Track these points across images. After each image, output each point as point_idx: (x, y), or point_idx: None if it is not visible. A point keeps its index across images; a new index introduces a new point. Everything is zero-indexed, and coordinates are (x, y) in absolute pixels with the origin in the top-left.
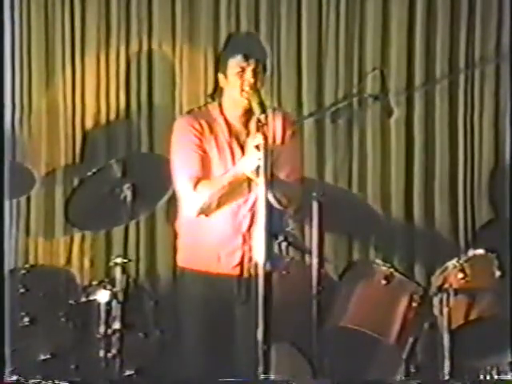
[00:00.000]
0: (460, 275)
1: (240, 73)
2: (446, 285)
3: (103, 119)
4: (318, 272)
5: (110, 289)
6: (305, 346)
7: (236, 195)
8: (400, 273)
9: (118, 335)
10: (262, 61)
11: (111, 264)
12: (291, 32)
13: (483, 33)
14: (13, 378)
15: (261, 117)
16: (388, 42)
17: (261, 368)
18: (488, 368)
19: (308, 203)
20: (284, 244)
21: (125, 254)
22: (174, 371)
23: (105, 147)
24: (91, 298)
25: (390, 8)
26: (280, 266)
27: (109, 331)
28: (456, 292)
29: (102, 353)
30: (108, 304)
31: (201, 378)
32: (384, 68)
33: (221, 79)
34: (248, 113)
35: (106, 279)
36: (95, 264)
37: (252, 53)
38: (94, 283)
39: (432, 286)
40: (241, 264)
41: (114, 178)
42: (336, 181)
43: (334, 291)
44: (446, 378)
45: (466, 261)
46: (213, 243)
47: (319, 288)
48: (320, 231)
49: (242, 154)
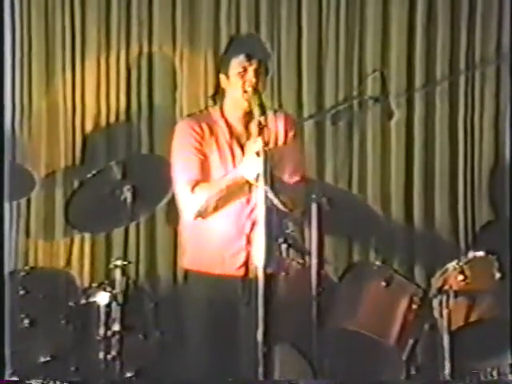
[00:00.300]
0: (460, 277)
1: (242, 73)
2: (446, 286)
3: (103, 121)
4: (318, 273)
5: (110, 291)
6: (305, 347)
7: (234, 198)
8: (400, 274)
9: (118, 337)
10: (264, 62)
11: (111, 266)
12: (291, 34)
13: (483, 34)
14: (13, 380)
15: (261, 119)
16: (388, 44)
17: (261, 369)
18: (488, 369)
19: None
20: (284, 246)
21: (125, 256)
22: (175, 373)
23: (105, 149)
24: (91, 300)
25: (390, 10)
26: (280, 268)
27: (108, 333)
28: (456, 294)
29: (102, 355)
30: (108, 306)
31: (205, 380)
32: (384, 70)
33: (222, 80)
34: (249, 114)
35: (106, 281)
36: (95, 266)
37: (255, 53)
38: (94, 285)
39: (432, 288)
40: (245, 265)
41: (114, 180)
42: (336, 182)
43: (334, 293)
44: (447, 380)
45: (466, 262)
46: (217, 244)
47: (319, 289)
48: (320, 233)
49: (243, 156)
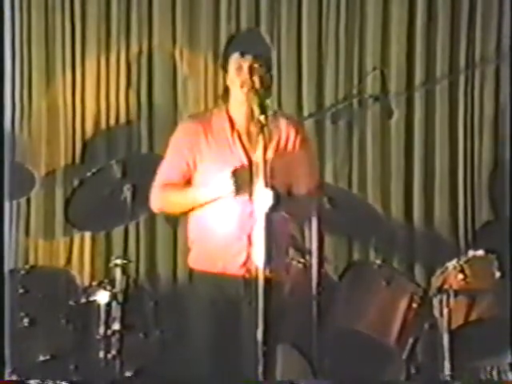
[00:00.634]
0: (460, 276)
1: (238, 70)
2: (446, 286)
3: (103, 120)
4: (318, 273)
5: (110, 290)
6: (305, 347)
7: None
8: (400, 274)
9: (118, 336)
10: (264, 57)
11: (111, 265)
12: (291, 33)
13: (483, 33)
14: (13, 379)
15: (261, 118)
16: (388, 43)
17: (261, 369)
18: (488, 368)
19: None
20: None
21: (125, 255)
22: (175, 372)
23: (105, 148)
24: (91, 299)
25: (390, 8)
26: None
27: (109, 332)
28: (456, 293)
29: (102, 354)
30: (108, 305)
31: (206, 379)
32: (384, 69)
33: (226, 79)
34: (252, 113)
35: (106, 280)
36: (95, 265)
37: (249, 49)
38: (94, 284)
39: (432, 287)
40: (246, 264)
41: (114, 179)
42: (336, 181)
43: (334, 292)
44: (447, 379)
45: (466, 262)
46: (219, 244)
47: (319, 289)
48: (320, 232)
49: (245, 155)
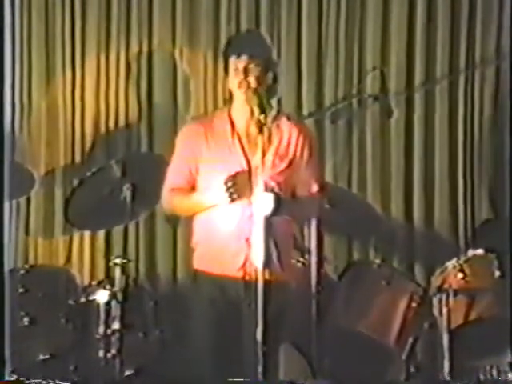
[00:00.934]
0: (460, 275)
1: (235, 71)
2: (446, 285)
3: (103, 120)
4: (318, 272)
5: (110, 289)
6: (304, 347)
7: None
8: (400, 273)
9: (118, 335)
10: (261, 58)
11: (111, 264)
12: (291, 32)
13: (483, 33)
14: (12, 378)
15: (260, 117)
16: (388, 43)
17: (260, 368)
18: (488, 368)
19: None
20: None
21: (124, 254)
22: (175, 371)
23: (104, 148)
24: (91, 298)
25: (390, 8)
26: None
27: (108, 331)
28: (456, 292)
29: (102, 353)
30: (108, 304)
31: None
32: (384, 68)
33: (228, 81)
34: (252, 115)
35: (106, 279)
36: (95, 264)
37: (250, 50)
38: (94, 283)
39: (432, 286)
40: (244, 267)
41: (114, 178)
42: (336, 181)
43: (334, 292)
44: (446, 379)
45: (466, 261)
46: (220, 246)
47: (319, 288)
48: (319, 231)
49: (244, 158)
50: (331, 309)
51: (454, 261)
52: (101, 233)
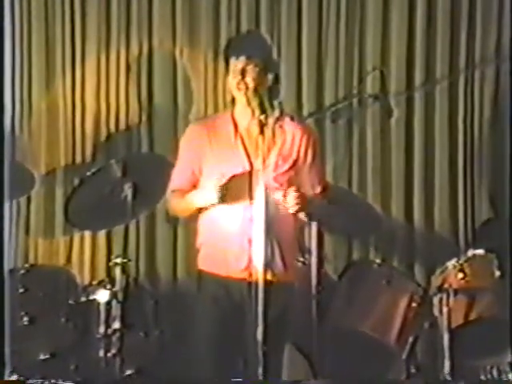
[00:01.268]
0: (460, 275)
1: (234, 72)
2: (446, 285)
3: (103, 119)
4: (318, 272)
5: (110, 288)
6: (305, 347)
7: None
8: (400, 273)
9: (118, 335)
10: (260, 58)
11: (111, 264)
12: (291, 32)
13: (483, 34)
14: (13, 378)
15: (261, 117)
16: (388, 42)
17: (261, 369)
18: (488, 368)
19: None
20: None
21: (125, 254)
22: (175, 371)
23: (105, 147)
24: (91, 298)
25: (390, 8)
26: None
27: (109, 331)
28: (456, 292)
29: (102, 352)
30: (108, 304)
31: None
32: (384, 68)
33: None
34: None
35: (106, 279)
36: (95, 264)
37: (248, 51)
38: (94, 283)
39: (432, 286)
40: (248, 267)
41: (115, 178)
42: (336, 181)
43: (334, 291)
44: (446, 378)
45: (466, 261)
46: (223, 247)
47: (319, 288)
48: (319, 231)
49: (247, 159)
50: (331, 309)
51: (454, 261)
52: (101, 232)
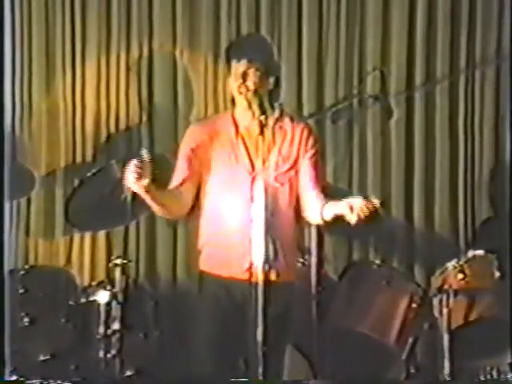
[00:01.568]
0: (460, 276)
1: (235, 76)
2: (446, 285)
3: (103, 120)
4: (318, 272)
5: (110, 289)
6: (305, 347)
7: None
8: (400, 273)
9: (118, 336)
10: (262, 62)
11: (111, 265)
12: (291, 33)
13: (484, 34)
14: (13, 378)
15: (261, 118)
16: (388, 43)
17: (260, 369)
18: (488, 368)
19: None
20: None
21: (125, 255)
22: (175, 371)
23: (105, 148)
24: (91, 299)
25: (391, 8)
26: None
27: (108, 332)
28: (456, 293)
29: (102, 353)
30: (108, 304)
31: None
32: (384, 68)
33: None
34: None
35: (106, 280)
36: (95, 264)
37: (248, 55)
38: (94, 284)
39: (432, 287)
40: (250, 268)
41: (115, 179)
42: (336, 181)
43: (334, 292)
44: (446, 379)
45: (466, 261)
46: (225, 248)
47: (319, 288)
48: (319, 231)
49: (248, 157)
50: (331, 309)
51: (454, 261)
52: (101, 233)
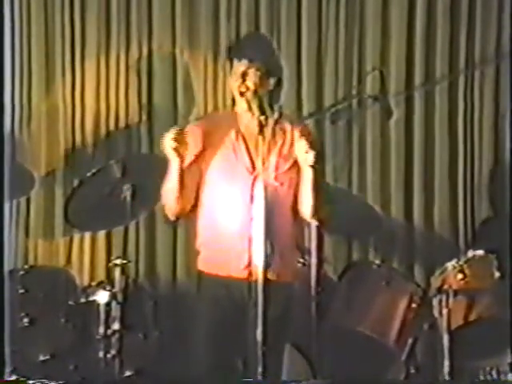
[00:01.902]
0: (459, 276)
1: (235, 75)
2: (446, 286)
3: (103, 120)
4: (318, 273)
5: (110, 289)
6: (305, 347)
7: (192, 185)
8: (399, 274)
9: (118, 336)
10: (263, 63)
11: (111, 265)
12: (291, 33)
13: (483, 33)
14: (12, 378)
15: (261, 118)
16: (388, 43)
17: (260, 369)
18: (488, 368)
19: None
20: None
21: (124, 255)
22: (174, 372)
23: (105, 148)
24: (91, 299)
25: (390, 8)
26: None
27: (108, 332)
28: (455, 293)
29: (102, 353)
30: (107, 305)
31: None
32: (384, 68)
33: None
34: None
35: (106, 280)
36: (95, 265)
37: (249, 55)
38: (94, 284)
39: (431, 287)
40: (248, 266)
41: (114, 179)
42: (336, 181)
43: (334, 292)
44: (446, 379)
45: (466, 262)
46: (224, 247)
47: (318, 289)
48: (319, 231)
49: (248, 157)
50: (331, 309)
51: (454, 261)
52: (101, 233)
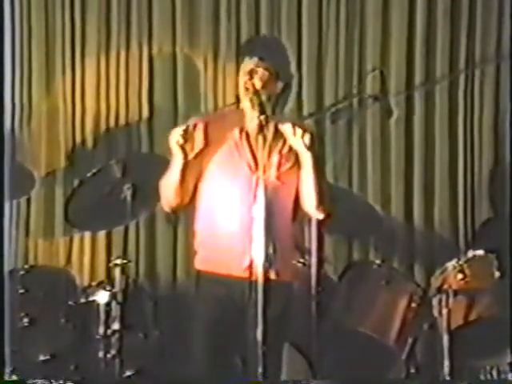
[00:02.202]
0: (459, 276)
1: (243, 71)
2: (446, 285)
3: (103, 120)
4: (318, 272)
5: (110, 289)
6: (304, 347)
7: (191, 180)
8: (399, 273)
9: (118, 336)
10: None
11: (111, 265)
12: (291, 33)
13: (483, 33)
14: (13, 378)
15: (261, 117)
16: (388, 43)
17: (260, 369)
18: (488, 368)
19: None
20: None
21: (124, 255)
22: (174, 372)
23: (105, 148)
24: (91, 299)
25: (390, 8)
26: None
27: (108, 332)
28: (455, 293)
29: (102, 353)
30: (107, 305)
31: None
32: (384, 68)
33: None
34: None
35: (106, 280)
36: (95, 265)
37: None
38: (94, 284)
39: (431, 287)
40: (250, 266)
41: (114, 179)
42: (336, 181)
43: (334, 292)
44: (446, 379)
45: (466, 261)
46: (224, 247)
47: (318, 289)
48: (319, 231)
49: (251, 156)
50: (331, 309)
51: (454, 261)
52: (101, 233)
